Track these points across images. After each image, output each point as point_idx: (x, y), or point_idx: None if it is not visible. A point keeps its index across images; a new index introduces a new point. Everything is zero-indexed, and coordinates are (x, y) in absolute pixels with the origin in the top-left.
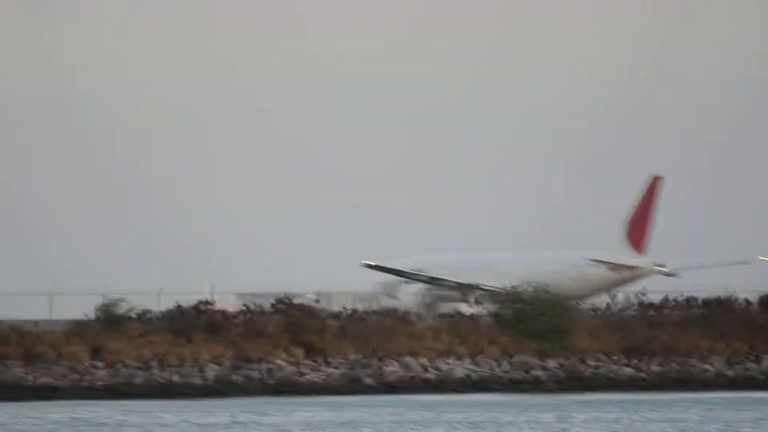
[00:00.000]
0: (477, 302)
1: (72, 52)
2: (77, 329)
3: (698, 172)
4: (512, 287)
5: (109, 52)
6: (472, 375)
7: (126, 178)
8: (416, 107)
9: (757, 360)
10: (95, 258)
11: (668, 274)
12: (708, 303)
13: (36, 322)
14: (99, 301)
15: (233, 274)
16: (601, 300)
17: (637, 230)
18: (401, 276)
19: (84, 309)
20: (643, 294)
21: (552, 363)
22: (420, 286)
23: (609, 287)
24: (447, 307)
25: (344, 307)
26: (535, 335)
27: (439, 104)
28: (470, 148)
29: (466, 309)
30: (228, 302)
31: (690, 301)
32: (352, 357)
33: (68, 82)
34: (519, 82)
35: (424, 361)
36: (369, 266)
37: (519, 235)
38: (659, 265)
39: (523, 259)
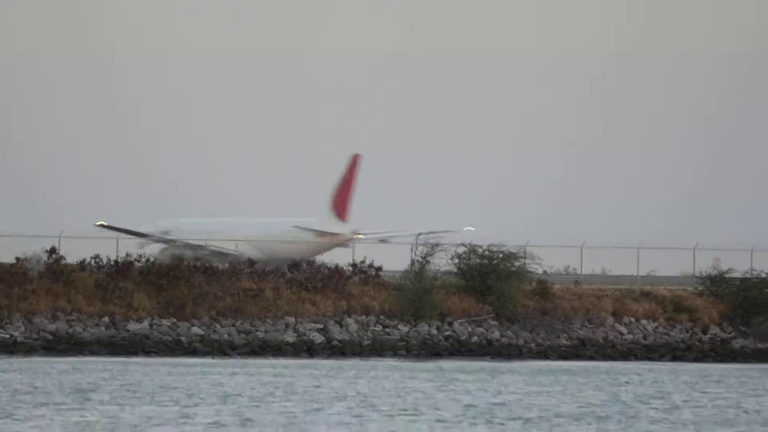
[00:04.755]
0: None
1: None
2: None
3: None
4: None
5: None
6: None
7: None
8: None
9: None
10: None
11: (382, 241)
12: None
13: None
14: None
15: None
16: None
17: (340, 201)
18: (134, 236)
19: None
20: None
21: None
22: (160, 244)
23: (318, 251)
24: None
25: None
26: None
27: None
28: None
29: None
30: None
31: None
32: None
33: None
34: None
35: None
36: (103, 226)
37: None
38: (357, 233)
39: (243, 224)
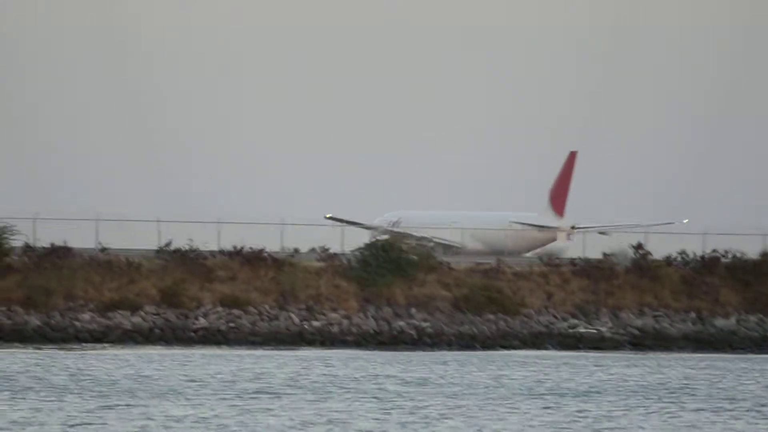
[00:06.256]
0: None
1: None
2: None
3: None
4: None
5: None
6: None
7: None
8: None
9: None
10: None
11: (601, 233)
12: None
13: None
14: None
15: None
16: None
17: (558, 197)
18: (362, 228)
19: None
20: None
21: None
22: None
23: (538, 245)
24: None
25: None
26: None
27: None
28: None
29: None
30: None
31: None
32: None
33: None
34: None
35: None
36: (331, 218)
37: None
38: (574, 227)
39: (469, 217)
